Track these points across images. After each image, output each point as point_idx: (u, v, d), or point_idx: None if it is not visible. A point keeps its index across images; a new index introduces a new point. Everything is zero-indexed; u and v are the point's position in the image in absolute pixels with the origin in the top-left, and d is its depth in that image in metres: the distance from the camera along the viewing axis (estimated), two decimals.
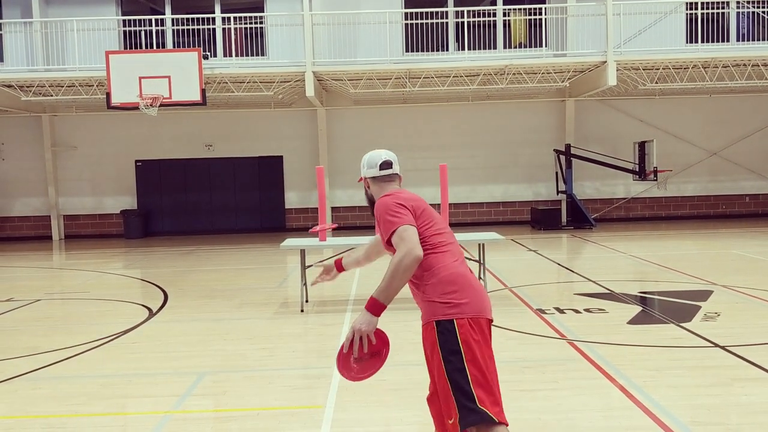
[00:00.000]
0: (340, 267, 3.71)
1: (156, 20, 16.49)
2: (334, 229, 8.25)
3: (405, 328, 7.03)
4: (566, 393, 4.85)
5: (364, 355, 2.99)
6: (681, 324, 6.81)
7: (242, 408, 4.77)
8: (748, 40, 17.35)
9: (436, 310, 2.94)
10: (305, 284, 8.28)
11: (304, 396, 5.03)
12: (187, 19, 16.52)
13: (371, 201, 3.36)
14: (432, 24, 16.87)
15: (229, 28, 16.77)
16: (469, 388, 2.80)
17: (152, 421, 4.58)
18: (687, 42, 16.94)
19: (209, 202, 19.05)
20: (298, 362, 5.97)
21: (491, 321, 3.03)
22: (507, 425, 2.87)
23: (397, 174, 3.36)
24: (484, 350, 2.89)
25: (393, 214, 3.01)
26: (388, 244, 3.04)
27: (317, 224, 8.37)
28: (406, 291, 3.10)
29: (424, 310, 3.02)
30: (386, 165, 3.31)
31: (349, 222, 18.65)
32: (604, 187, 18.93)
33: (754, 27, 17.42)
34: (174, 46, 17.09)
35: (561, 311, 7.56)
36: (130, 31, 17.05)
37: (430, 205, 3.40)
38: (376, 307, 2.91)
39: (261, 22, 16.98)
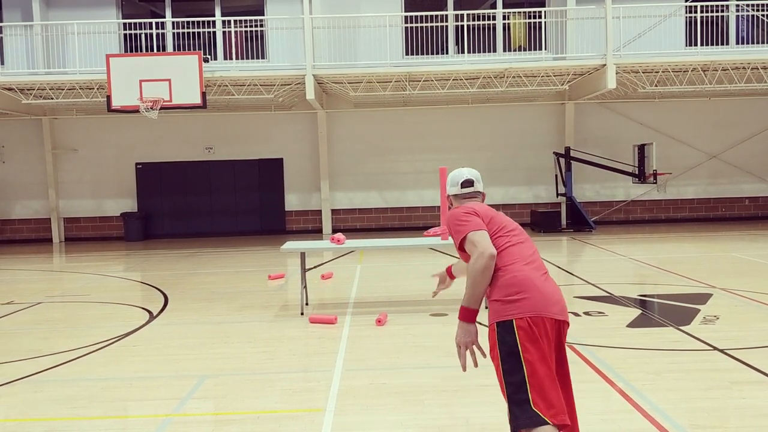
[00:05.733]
0: (451, 274, 4.02)
1: (156, 23, 16.53)
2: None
3: (405, 331, 7.06)
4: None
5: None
6: (680, 327, 6.82)
7: (242, 411, 4.78)
8: (748, 43, 17.39)
9: (496, 311, 3.00)
10: (305, 287, 8.30)
11: (305, 399, 5.04)
12: (188, 23, 16.55)
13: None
14: (432, 27, 16.91)
15: (230, 31, 16.82)
16: (525, 389, 2.84)
17: (153, 424, 4.59)
18: (686, 45, 16.98)
19: (209, 205, 19.07)
20: (298, 365, 5.98)
21: (563, 322, 3.03)
22: (563, 427, 2.88)
23: (479, 192, 3.47)
24: (544, 352, 2.89)
25: (462, 222, 3.12)
26: (461, 250, 3.15)
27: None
28: (399, 295, 3.10)
29: (489, 311, 3.09)
30: (467, 183, 3.44)
31: (349, 224, 18.68)
32: (604, 189, 18.96)
33: (753, 30, 17.46)
34: (174, 49, 17.14)
35: None
36: (130, 35, 17.09)
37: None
38: (467, 314, 3.05)
39: (261, 26, 17.01)
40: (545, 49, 16.96)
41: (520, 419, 2.83)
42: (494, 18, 17.11)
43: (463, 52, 16.31)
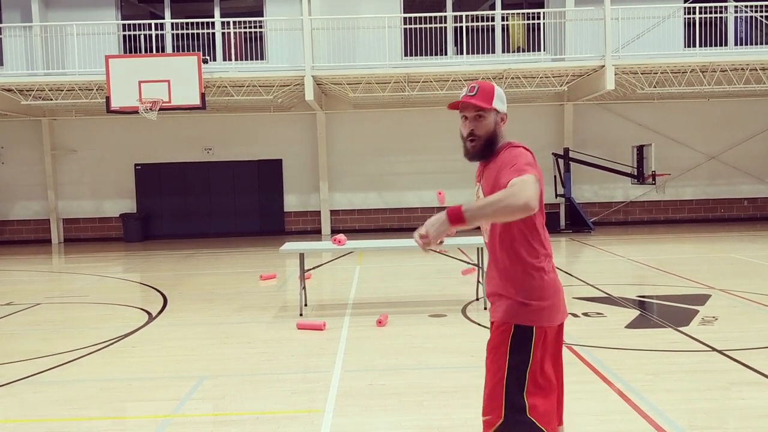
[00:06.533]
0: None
1: (155, 24, 16.53)
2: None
3: (404, 332, 7.07)
4: (564, 397, 4.86)
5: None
6: (679, 328, 6.83)
7: (242, 412, 4.79)
8: (747, 44, 17.41)
9: (518, 312, 2.78)
10: (304, 288, 8.30)
11: (304, 400, 5.04)
12: (187, 24, 16.56)
13: (491, 139, 2.90)
14: (431, 28, 16.92)
15: (229, 33, 16.82)
16: (523, 395, 2.75)
17: (152, 425, 4.60)
18: (685, 46, 17.00)
19: (209, 206, 19.07)
20: (297, 366, 5.99)
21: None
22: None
23: None
24: (554, 359, 2.85)
25: (531, 165, 2.66)
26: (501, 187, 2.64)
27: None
28: (398, 296, 3.08)
29: (504, 307, 2.82)
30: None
31: (348, 225, 18.68)
32: (603, 190, 18.97)
33: (752, 31, 17.48)
34: (173, 51, 17.14)
35: None
36: (129, 36, 17.09)
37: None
38: (457, 216, 2.50)
39: (260, 27, 17.02)
40: (544, 50, 16.98)
41: (512, 427, 2.75)
42: (493, 19, 17.12)
43: (462, 53, 16.33)
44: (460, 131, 3.01)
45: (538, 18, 16.90)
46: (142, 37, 16.81)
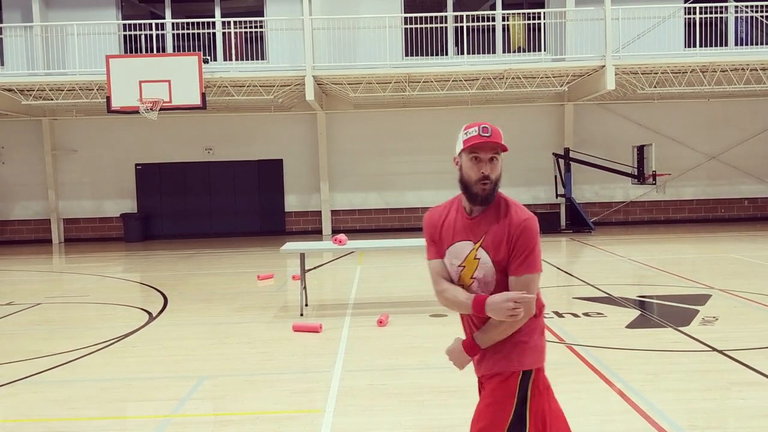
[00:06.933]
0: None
1: (156, 24, 16.53)
2: None
3: (404, 332, 7.07)
4: (564, 397, 4.84)
5: None
6: (679, 328, 6.83)
7: (242, 412, 4.79)
8: (747, 44, 17.41)
9: (524, 357, 2.62)
10: (305, 288, 8.30)
11: (304, 400, 5.05)
12: (188, 24, 16.56)
13: (498, 184, 2.69)
14: (431, 28, 16.92)
15: (229, 32, 16.82)
16: None
17: (152, 425, 4.60)
18: (685, 46, 16.99)
19: (209, 206, 19.07)
20: (297, 366, 5.99)
21: None
22: None
23: None
24: (551, 402, 2.72)
25: (540, 254, 2.62)
26: (503, 276, 2.61)
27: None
28: (399, 296, 3.08)
29: (507, 352, 2.63)
30: None
31: (349, 225, 18.68)
32: (603, 190, 18.97)
33: (752, 31, 17.48)
34: (174, 50, 17.14)
35: (560, 315, 7.58)
36: (130, 35, 17.09)
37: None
38: (472, 349, 2.69)
39: (261, 27, 17.02)
40: (544, 50, 16.97)
41: None
42: (494, 19, 17.12)
43: (462, 53, 16.32)
44: (465, 175, 2.73)
45: (539, 18, 16.90)
46: (142, 37, 16.81)
